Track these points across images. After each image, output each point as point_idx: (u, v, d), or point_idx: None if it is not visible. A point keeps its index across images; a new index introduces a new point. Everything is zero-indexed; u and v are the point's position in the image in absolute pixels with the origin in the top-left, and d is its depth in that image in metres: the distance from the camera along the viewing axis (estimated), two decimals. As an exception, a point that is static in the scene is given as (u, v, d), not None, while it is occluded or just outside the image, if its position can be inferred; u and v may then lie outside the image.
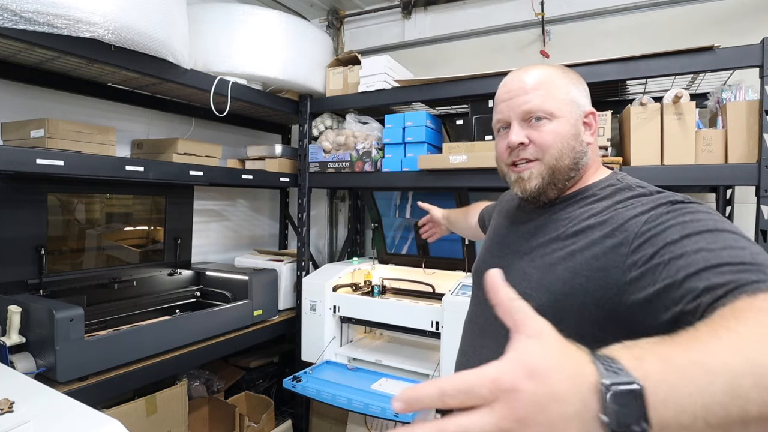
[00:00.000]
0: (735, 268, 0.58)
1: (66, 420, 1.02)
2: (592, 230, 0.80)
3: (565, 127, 0.88)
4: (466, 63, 2.80)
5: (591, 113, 0.92)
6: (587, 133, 0.91)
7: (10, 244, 1.81)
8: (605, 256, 0.75)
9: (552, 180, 0.89)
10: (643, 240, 0.71)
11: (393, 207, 2.74)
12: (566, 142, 0.88)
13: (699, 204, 0.73)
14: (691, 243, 0.65)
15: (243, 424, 2.25)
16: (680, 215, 0.71)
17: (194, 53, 2.06)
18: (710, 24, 2.23)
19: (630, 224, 0.74)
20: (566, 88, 0.90)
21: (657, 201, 0.76)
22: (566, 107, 0.89)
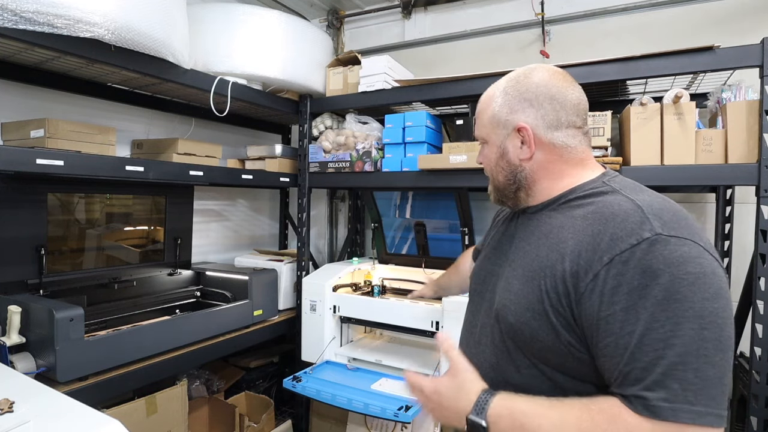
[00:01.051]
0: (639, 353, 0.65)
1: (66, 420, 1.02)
2: (566, 246, 0.79)
3: (492, 149, 0.95)
4: (466, 63, 2.80)
5: (520, 128, 0.89)
6: (524, 148, 0.90)
7: (10, 244, 1.81)
8: (565, 281, 0.76)
9: (500, 196, 0.97)
10: (594, 287, 0.72)
11: (393, 207, 2.74)
12: (496, 164, 0.95)
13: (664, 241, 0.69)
14: (626, 314, 0.68)
15: (243, 424, 2.25)
16: (631, 269, 0.69)
17: (194, 53, 2.06)
18: (710, 24, 2.23)
19: (596, 254, 0.74)
20: (494, 110, 0.93)
21: (628, 232, 0.72)
22: (492, 131, 0.94)
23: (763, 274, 1.56)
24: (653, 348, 0.64)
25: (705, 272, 0.67)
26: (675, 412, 0.61)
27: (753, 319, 1.59)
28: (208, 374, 2.46)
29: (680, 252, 0.68)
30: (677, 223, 0.72)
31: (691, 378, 0.62)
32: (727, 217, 2.10)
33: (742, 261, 2.00)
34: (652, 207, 0.75)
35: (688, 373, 0.62)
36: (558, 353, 0.77)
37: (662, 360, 0.63)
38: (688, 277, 0.66)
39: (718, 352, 0.63)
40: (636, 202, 0.77)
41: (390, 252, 2.80)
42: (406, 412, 1.75)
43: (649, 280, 0.67)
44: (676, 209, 0.77)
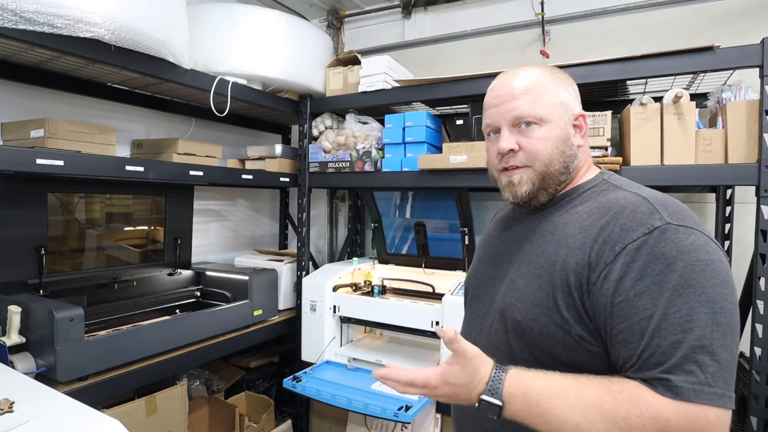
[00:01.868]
0: (658, 335, 0.67)
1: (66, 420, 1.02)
2: (574, 241, 0.80)
3: (555, 131, 0.87)
4: (466, 63, 2.80)
5: (581, 116, 0.91)
6: (578, 136, 0.90)
7: (10, 244, 1.81)
8: (576, 273, 0.77)
9: (542, 185, 0.89)
10: (612, 273, 0.73)
11: (393, 207, 2.74)
12: (556, 148, 0.87)
13: (674, 230, 0.72)
14: (643, 300, 0.69)
15: (243, 424, 2.25)
16: (644, 257, 0.71)
17: (194, 53, 2.06)
18: (710, 24, 2.23)
19: (607, 244, 0.75)
20: (555, 91, 0.89)
21: (638, 222, 0.74)
22: (555, 111, 0.88)
23: (763, 274, 1.56)
24: (672, 332, 0.66)
25: (713, 259, 0.70)
26: (696, 393, 0.62)
27: (753, 319, 1.59)
28: (208, 374, 2.46)
29: (690, 240, 0.71)
30: (682, 214, 0.75)
31: (708, 361, 0.63)
32: (727, 217, 2.10)
33: (742, 261, 2.00)
34: (657, 199, 0.78)
35: (706, 356, 0.64)
36: (568, 347, 0.77)
37: (682, 344, 0.65)
38: (699, 264, 0.69)
39: (728, 336, 0.66)
40: (641, 195, 0.79)
41: (390, 252, 2.80)
42: (406, 412, 1.75)
43: (663, 266, 0.69)
44: (678, 202, 0.79)
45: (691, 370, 0.63)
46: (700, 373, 0.63)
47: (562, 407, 0.69)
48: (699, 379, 0.63)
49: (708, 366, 0.63)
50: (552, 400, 0.70)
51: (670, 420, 0.62)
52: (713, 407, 0.62)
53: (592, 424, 0.66)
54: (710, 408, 0.62)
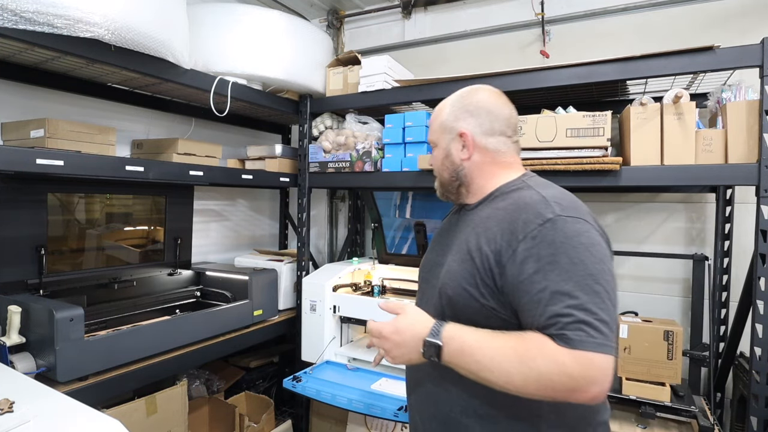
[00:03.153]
0: (552, 300, 0.86)
1: (66, 420, 1.02)
2: (491, 232, 0.99)
3: (440, 152, 1.15)
4: (466, 63, 2.80)
5: (460, 134, 1.11)
6: (464, 151, 1.11)
7: (10, 244, 1.81)
8: (492, 257, 0.96)
9: (444, 191, 1.18)
10: (516, 257, 0.92)
11: (393, 207, 2.74)
12: (440, 164, 1.15)
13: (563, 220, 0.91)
14: (539, 276, 0.88)
15: (243, 424, 2.25)
16: (539, 243, 0.90)
17: (194, 53, 2.06)
18: (710, 24, 2.23)
19: (514, 235, 0.94)
20: (441, 119, 1.15)
21: (537, 215, 0.93)
22: (440, 136, 1.15)
23: (763, 274, 1.56)
24: (562, 300, 0.85)
25: (593, 243, 0.90)
26: (583, 343, 0.82)
27: (753, 319, 1.59)
28: (208, 374, 2.46)
29: (575, 228, 0.90)
30: (571, 207, 0.94)
31: (591, 320, 0.83)
32: (727, 217, 2.10)
33: (742, 261, 2.00)
34: (554, 197, 0.97)
35: (590, 317, 0.83)
36: (484, 316, 0.97)
37: (571, 308, 0.84)
38: (581, 246, 0.88)
39: (606, 300, 0.85)
40: (542, 194, 0.98)
41: (390, 252, 2.80)
42: (406, 412, 1.75)
43: (554, 249, 0.89)
44: (572, 198, 0.98)
45: (579, 327, 0.83)
46: (586, 328, 0.82)
47: (488, 348, 0.89)
48: (585, 333, 0.82)
49: (591, 324, 0.83)
50: (481, 344, 0.90)
51: (566, 362, 0.82)
52: (597, 353, 0.81)
53: (510, 363, 0.86)
54: (595, 354, 0.81)
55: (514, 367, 0.85)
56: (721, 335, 2.10)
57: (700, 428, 1.67)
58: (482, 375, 0.89)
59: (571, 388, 0.82)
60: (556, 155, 1.83)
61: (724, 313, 2.11)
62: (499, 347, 0.88)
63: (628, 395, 1.84)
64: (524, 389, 0.85)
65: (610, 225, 2.46)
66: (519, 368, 0.84)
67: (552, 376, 0.82)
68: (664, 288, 2.34)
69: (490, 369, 0.87)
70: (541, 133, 1.85)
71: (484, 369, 0.88)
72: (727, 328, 2.07)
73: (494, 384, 0.88)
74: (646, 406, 1.79)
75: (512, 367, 0.85)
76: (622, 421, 1.85)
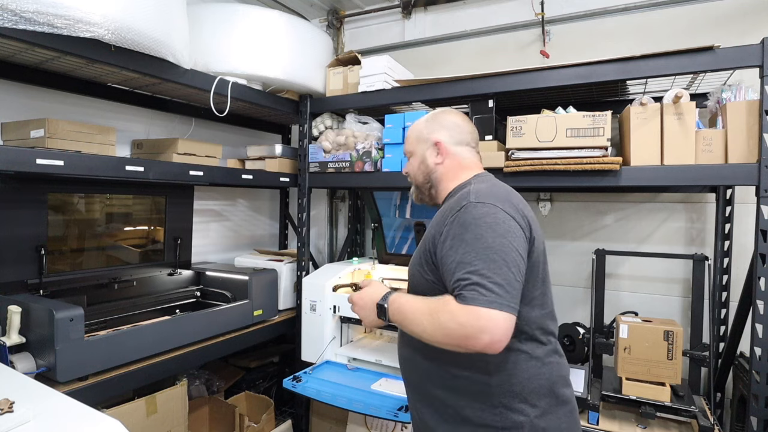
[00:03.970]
0: (458, 268, 1.07)
1: (66, 420, 1.02)
2: (436, 222, 1.22)
3: (417, 159, 1.38)
4: (466, 63, 2.80)
5: (436, 143, 1.33)
6: (438, 157, 1.33)
7: (10, 244, 1.81)
8: (433, 242, 1.19)
9: (419, 193, 1.41)
10: (441, 238, 1.15)
11: (393, 207, 2.74)
12: (416, 169, 1.38)
13: (473, 206, 1.12)
14: (451, 251, 1.10)
15: (243, 424, 2.25)
16: (454, 225, 1.13)
17: (194, 53, 2.06)
18: (710, 24, 2.24)
19: (443, 222, 1.17)
20: (417, 133, 1.38)
21: (458, 204, 1.16)
22: (417, 146, 1.38)
23: (763, 274, 1.56)
24: (464, 268, 1.05)
25: (497, 221, 1.09)
26: (474, 299, 1.01)
27: (753, 319, 1.59)
28: (208, 374, 2.46)
29: (483, 211, 1.11)
30: (486, 196, 1.15)
31: (485, 282, 1.02)
32: (727, 217, 2.10)
33: (742, 261, 2.00)
34: (478, 190, 1.17)
35: (484, 280, 1.02)
36: (430, 288, 1.19)
37: (470, 275, 1.03)
38: (484, 225, 1.09)
39: (503, 267, 1.03)
40: (470, 189, 1.19)
41: (390, 252, 2.80)
42: (406, 412, 1.75)
43: (463, 229, 1.10)
44: (495, 191, 1.18)
45: (473, 288, 1.02)
46: (479, 288, 1.01)
47: (414, 308, 1.14)
48: (477, 292, 1.01)
49: (484, 285, 1.01)
50: (411, 305, 1.16)
51: (459, 315, 1.01)
52: (485, 308, 0.99)
53: (424, 317, 1.09)
54: (482, 308, 0.99)
55: (426, 320, 1.08)
56: (721, 335, 2.10)
57: (700, 428, 1.67)
58: (410, 328, 1.13)
59: (464, 335, 1.00)
60: (556, 155, 1.83)
61: (724, 313, 2.11)
62: (420, 307, 1.12)
63: (628, 395, 1.84)
64: (434, 338, 1.07)
65: (610, 225, 2.46)
66: (430, 321, 1.07)
67: (450, 326, 1.02)
68: (664, 288, 2.34)
69: (413, 322, 1.12)
70: (541, 133, 1.85)
71: (411, 323, 1.13)
72: (727, 328, 2.07)
73: (418, 335, 1.11)
74: (646, 406, 1.79)
75: (425, 321, 1.08)
76: (622, 421, 1.85)
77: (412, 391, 1.31)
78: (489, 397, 1.13)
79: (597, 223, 2.50)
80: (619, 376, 1.89)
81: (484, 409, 1.13)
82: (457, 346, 1.03)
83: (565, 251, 2.56)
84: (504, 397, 1.12)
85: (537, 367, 1.14)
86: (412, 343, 1.22)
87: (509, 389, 1.12)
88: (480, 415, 1.13)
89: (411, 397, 1.32)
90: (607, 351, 2.01)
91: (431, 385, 1.21)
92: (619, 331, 1.90)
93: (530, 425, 1.11)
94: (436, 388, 1.20)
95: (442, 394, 1.19)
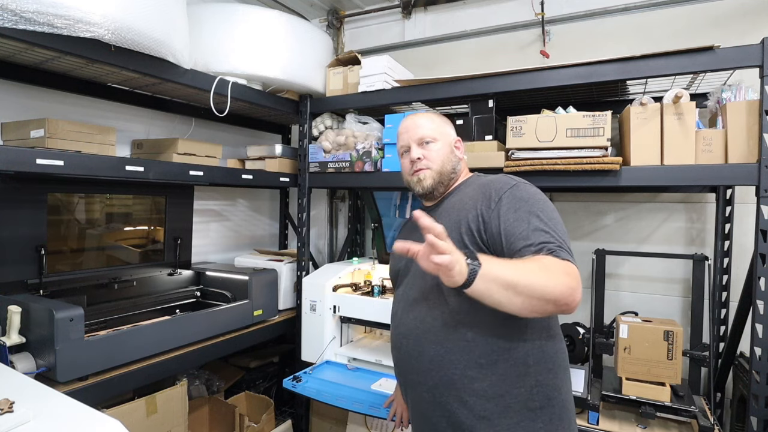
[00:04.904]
0: (535, 234, 1.13)
1: (66, 420, 1.02)
2: (469, 206, 1.27)
3: (445, 147, 1.39)
4: (466, 63, 2.80)
5: (457, 140, 1.43)
6: (460, 152, 1.42)
7: (10, 244, 1.81)
8: (474, 221, 1.23)
9: (440, 179, 1.37)
10: (495, 214, 1.20)
11: (393, 207, 2.74)
12: (446, 156, 1.38)
13: (524, 184, 1.24)
14: (519, 222, 1.16)
15: (243, 424, 2.25)
16: (513, 200, 1.20)
17: (194, 53, 2.06)
18: (710, 24, 2.24)
19: (488, 203, 1.23)
20: (442, 122, 1.42)
21: (500, 186, 1.24)
22: (444, 134, 1.40)
23: (763, 274, 1.56)
24: (545, 235, 1.13)
25: (545, 198, 1.22)
26: (558, 253, 1.09)
27: (753, 319, 1.59)
28: (208, 374, 2.46)
29: (533, 189, 1.24)
30: (525, 180, 1.27)
31: (565, 247, 1.12)
32: (727, 217, 2.10)
33: (742, 261, 2.01)
34: (508, 175, 1.31)
35: (564, 244, 1.12)
36: None
37: (554, 239, 1.12)
38: (540, 200, 1.21)
39: (564, 236, 1.15)
40: (498, 175, 1.31)
41: (390, 252, 2.80)
42: (406, 412, 1.75)
43: (523, 203, 1.19)
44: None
45: (561, 249, 1.11)
46: (563, 251, 1.10)
47: (514, 267, 1.06)
48: (566, 252, 1.11)
49: (564, 248, 1.12)
50: (508, 264, 1.07)
51: (571, 269, 1.07)
52: (566, 261, 1.08)
53: (533, 272, 1.04)
54: (566, 262, 1.08)
55: (535, 275, 1.03)
56: (721, 335, 2.10)
57: (700, 428, 1.67)
58: (520, 286, 1.01)
59: (572, 289, 1.04)
60: (556, 155, 1.83)
61: (724, 313, 2.11)
62: (521, 266, 1.06)
63: (628, 395, 1.84)
64: (546, 292, 1.02)
65: (610, 225, 2.46)
66: (543, 274, 1.04)
67: (563, 280, 1.04)
68: (664, 288, 2.34)
69: (523, 278, 1.02)
70: (541, 133, 1.85)
71: (520, 280, 1.01)
72: (727, 328, 2.07)
73: (528, 291, 1.01)
74: (646, 406, 1.79)
75: (535, 275, 1.03)
76: (622, 421, 1.85)
77: (438, 392, 1.23)
78: (526, 377, 1.19)
79: (597, 223, 2.50)
80: (619, 376, 1.89)
81: (522, 392, 1.18)
82: (558, 300, 1.03)
83: (565, 251, 2.56)
84: (540, 375, 1.20)
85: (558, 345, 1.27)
86: (450, 337, 1.21)
87: (545, 366, 1.21)
88: (520, 400, 1.18)
89: (433, 399, 1.25)
90: (607, 351, 2.01)
91: (467, 368, 1.20)
92: (619, 331, 1.90)
93: (559, 402, 1.21)
94: (471, 369, 1.19)
95: (480, 386, 1.19)
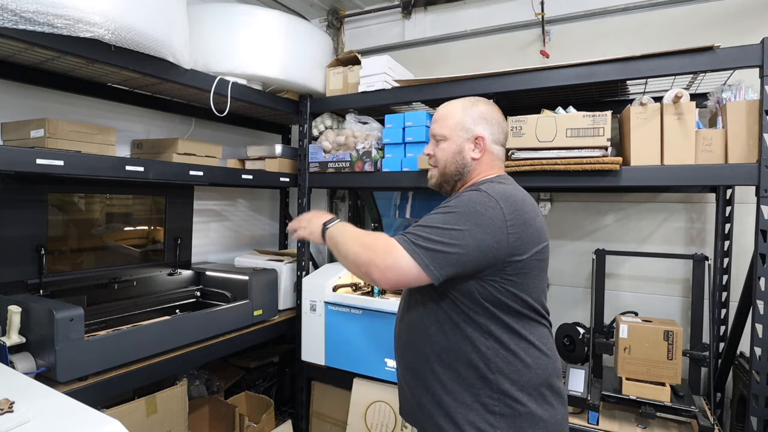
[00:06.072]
0: (413, 227, 1.17)
1: (66, 420, 1.02)
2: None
3: (451, 147, 1.31)
4: (466, 63, 2.80)
5: (479, 137, 1.29)
6: (476, 151, 1.29)
7: (10, 244, 1.81)
8: None
9: (443, 180, 1.35)
10: None
11: (393, 207, 2.74)
12: (452, 157, 1.31)
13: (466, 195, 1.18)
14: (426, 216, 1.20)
15: (243, 424, 2.25)
16: (449, 200, 1.22)
17: (194, 53, 2.06)
18: (710, 24, 2.24)
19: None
20: (459, 118, 1.30)
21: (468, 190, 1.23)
22: (455, 133, 1.30)
23: (763, 274, 1.56)
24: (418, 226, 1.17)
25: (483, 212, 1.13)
26: (402, 237, 1.15)
27: (753, 319, 1.59)
28: (208, 374, 2.46)
29: (479, 198, 1.17)
30: (498, 193, 1.16)
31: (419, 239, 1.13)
32: (727, 217, 2.10)
33: (742, 261, 2.01)
34: (494, 188, 1.18)
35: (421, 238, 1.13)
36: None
37: (415, 229, 1.16)
38: (469, 208, 1.14)
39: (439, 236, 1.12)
40: (488, 185, 1.20)
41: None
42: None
43: (449, 204, 1.19)
44: (510, 192, 1.18)
45: (404, 235, 1.15)
46: (408, 236, 1.14)
47: (346, 232, 1.26)
48: (405, 238, 1.14)
49: (414, 235, 1.13)
50: (349, 229, 1.27)
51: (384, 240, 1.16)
52: (400, 246, 1.12)
53: (355, 239, 1.21)
54: (398, 246, 1.13)
55: (354, 242, 1.20)
56: (721, 335, 2.10)
57: (700, 428, 1.67)
58: (338, 247, 1.24)
59: (374, 262, 1.13)
60: (556, 155, 1.83)
61: (724, 313, 2.11)
62: (357, 233, 1.24)
63: (628, 395, 1.84)
64: (350, 255, 1.19)
65: (610, 225, 2.46)
66: (359, 243, 1.19)
67: (373, 251, 1.15)
68: (664, 288, 2.34)
69: (345, 242, 1.22)
70: (541, 133, 1.85)
71: (340, 242, 1.24)
72: (727, 328, 2.07)
73: (343, 255, 1.22)
74: (646, 406, 1.79)
75: (354, 242, 1.20)
76: (622, 421, 1.85)
77: (409, 374, 1.32)
78: (487, 383, 1.19)
79: (597, 223, 2.50)
80: (619, 376, 1.90)
81: (482, 394, 1.20)
82: (359, 267, 1.17)
83: (565, 251, 2.56)
84: (502, 385, 1.18)
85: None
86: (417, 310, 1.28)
87: (509, 378, 1.18)
88: (480, 402, 1.20)
89: (404, 379, 1.34)
90: (607, 351, 2.01)
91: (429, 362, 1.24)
92: (619, 331, 1.90)
93: (527, 413, 1.17)
94: (437, 374, 1.23)
95: (442, 379, 1.22)
